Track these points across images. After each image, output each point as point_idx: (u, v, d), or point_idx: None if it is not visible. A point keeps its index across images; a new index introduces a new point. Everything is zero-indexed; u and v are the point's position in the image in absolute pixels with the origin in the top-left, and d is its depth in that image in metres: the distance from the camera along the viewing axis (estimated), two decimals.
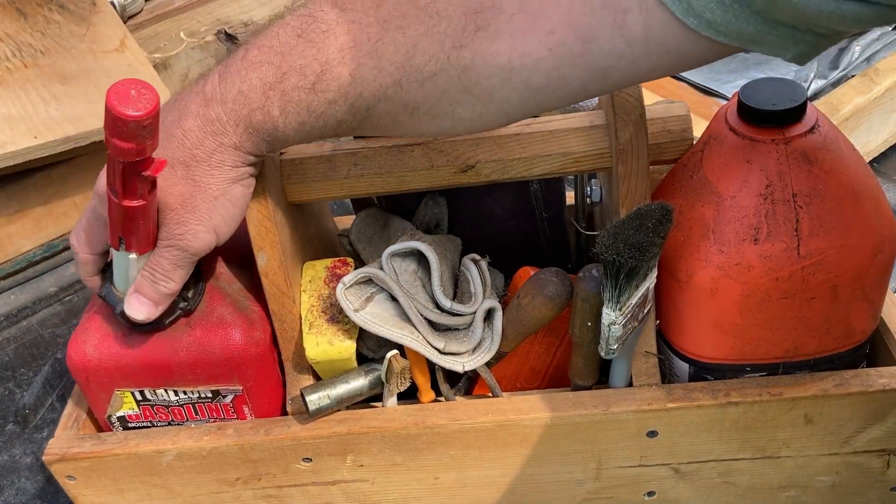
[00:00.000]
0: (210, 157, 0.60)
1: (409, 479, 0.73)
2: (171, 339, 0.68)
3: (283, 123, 0.58)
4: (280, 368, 0.73)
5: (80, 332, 0.69)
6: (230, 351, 0.68)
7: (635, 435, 0.69)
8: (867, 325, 0.67)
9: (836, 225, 0.62)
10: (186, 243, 0.62)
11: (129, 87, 0.53)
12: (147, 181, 0.58)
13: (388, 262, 0.69)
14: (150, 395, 0.70)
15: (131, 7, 1.13)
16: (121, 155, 0.55)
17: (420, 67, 0.54)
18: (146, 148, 0.55)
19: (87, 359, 0.68)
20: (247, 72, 0.57)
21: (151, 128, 0.54)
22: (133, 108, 0.52)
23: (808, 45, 0.49)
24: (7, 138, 0.92)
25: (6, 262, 1.04)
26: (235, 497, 0.74)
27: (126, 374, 0.69)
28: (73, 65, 0.99)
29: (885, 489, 0.73)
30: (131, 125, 0.53)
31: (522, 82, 0.54)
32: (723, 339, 0.66)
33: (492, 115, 0.57)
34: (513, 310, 0.69)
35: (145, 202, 0.59)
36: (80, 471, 0.72)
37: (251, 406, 0.71)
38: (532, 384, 0.77)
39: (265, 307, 0.71)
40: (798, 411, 0.67)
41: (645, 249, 0.59)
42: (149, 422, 0.73)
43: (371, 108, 0.57)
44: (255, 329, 0.69)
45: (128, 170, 0.56)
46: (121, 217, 0.60)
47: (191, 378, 0.69)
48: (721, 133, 0.64)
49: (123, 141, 0.54)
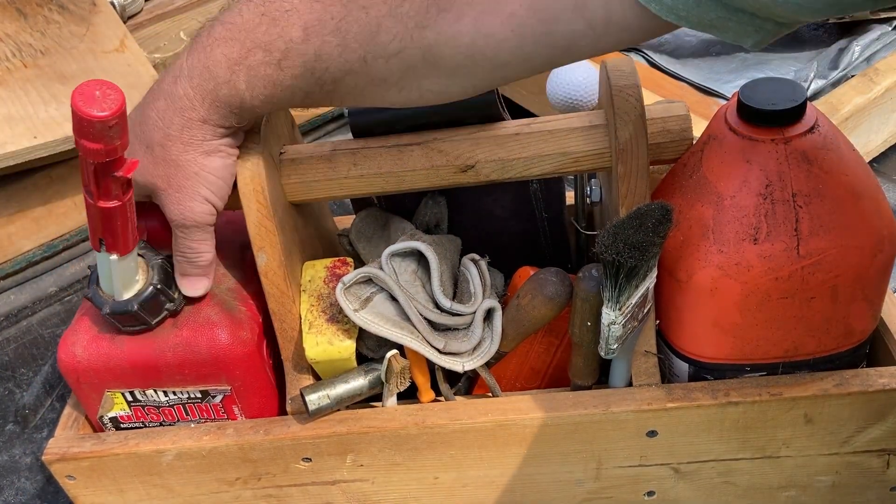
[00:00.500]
0: (181, 134, 0.61)
1: (408, 479, 0.73)
2: (159, 340, 0.68)
3: (250, 97, 0.60)
4: (274, 369, 0.73)
5: (70, 334, 0.70)
6: (217, 351, 0.68)
7: (635, 435, 0.69)
8: (867, 325, 0.67)
9: (835, 225, 0.61)
10: (191, 219, 0.64)
11: (94, 88, 0.53)
12: (120, 182, 0.58)
13: (388, 262, 0.69)
14: (141, 396, 0.71)
15: (131, 7, 1.13)
16: (91, 156, 0.55)
17: (385, 45, 0.56)
18: (116, 148, 0.55)
19: (77, 360, 0.69)
20: (212, 48, 0.59)
21: (119, 128, 0.54)
22: (98, 109, 0.53)
23: (768, 32, 0.50)
24: (7, 138, 0.92)
25: (6, 263, 1.04)
26: (235, 497, 0.74)
27: (115, 374, 0.69)
28: (72, 65, 0.99)
29: (885, 489, 0.73)
30: (97, 126, 0.53)
31: (487, 60, 0.55)
32: (722, 339, 0.66)
33: (458, 88, 0.59)
34: (512, 310, 0.69)
35: (120, 203, 0.59)
36: (79, 470, 0.72)
37: (241, 407, 0.71)
38: (532, 384, 0.77)
39: (257, 306, 0.71)
40: (798, 411, 0.67)
41: (644, 249, 0.59)
42: (140, 422, 0.73)
43: (338, 80, 0.59)
44: (241, 329, 0.69)
45: (100, 171, 0.57)
46: (99, 218, 0.60)
47: (179, 378, 0.69)
48: (721, 133, 0.64)
49: (92, 142, 0.54)
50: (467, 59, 0.55)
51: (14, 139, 0.93)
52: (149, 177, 0.63)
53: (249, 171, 0.66)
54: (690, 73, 1.04)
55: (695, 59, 1.07)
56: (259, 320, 0.71)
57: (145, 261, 0.67)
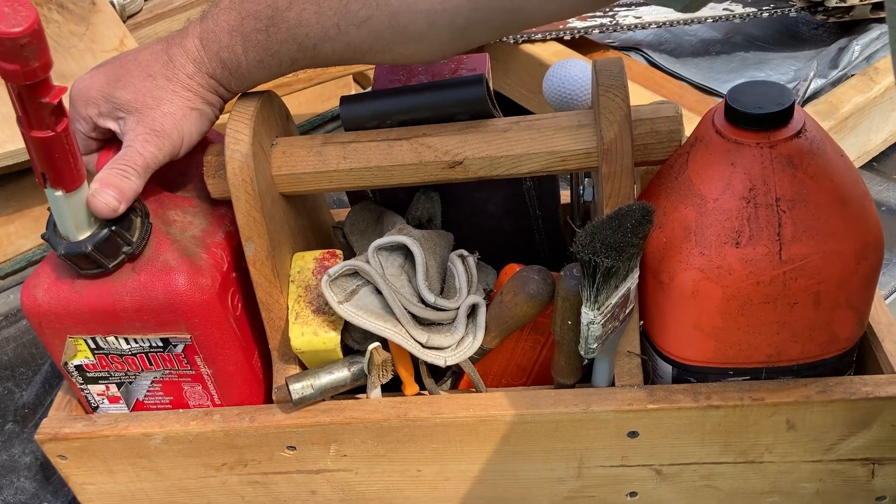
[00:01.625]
0: (178, 76, 0.68)
1: (391, 471, 0.73)
2: (117, 285, 0.67)
3: (245, 61, 0.67)
4: (251, 327, 0.73)
5: (33, 278, 0.69)
6: (173, 296, 0.67)
7: (616, 435, 0.69)
8: (852, 333, 0.67)
9: (819, 230, 0.61)
10: (142, 147, 0.67)
11: (3, 5, 0.51)
12: (49, 108, 0.56)
13: (375, 255, 0.70)
14: (103, 343, 0.70)
15: (131, 7, 1.14)
16: (9, 78, 0.53)
17: (355, 13, 0.63)
18: (35, 70, 0.53)
19: (38, 303, 0.68)
20: (217, 15, 0.67)
21: (34, 47, 0.52)
22: (7, 25, 0.51)
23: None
24: (6, 137, 0.92)
25: (5, 262, 1.05)
26: (222, 482, 0.75)
27: (76, 319, 0.68)
28: (72, 64, 1.00)
29: (871, 498, 0.72)
30: (8, 43, 0.51)
31: (447, 24, 0.62)
32: (704, 342, 0.66)
33: (425, 52, 0.66)
34: (496, 306, 0.70)
35: (54, 132, 0.57)
36: (70, 451, 0.74)
37: (203, 357, 0.70)
38: (518, 381, 0.77)
39: (224, 256, 0.71)
40: (780, 417, 0.67)
41: (622, 250, 0.59)
42: (106, 371, 0.72)
43: (317, 46, 0.66)
44: (201, 276, 0.68)
45: (24, 95, 0.55)
46: (36, 151, 0.58)
47: (139, 325, 0.68)
48: (707, 135, 0.64)
49: (6, 62, 0.52)
50: (429, 25, 0.62)
51: (14, 139, 0.93)
52: (129, 93, 0.67)
53: (239, 162, 0.67)
54: (690, 72, 1.04)
55: (694, 58, 1.06)
56: (223, 269, 0.70)
57: None
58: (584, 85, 0.77)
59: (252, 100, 0.70)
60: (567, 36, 1.08)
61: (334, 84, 1.20)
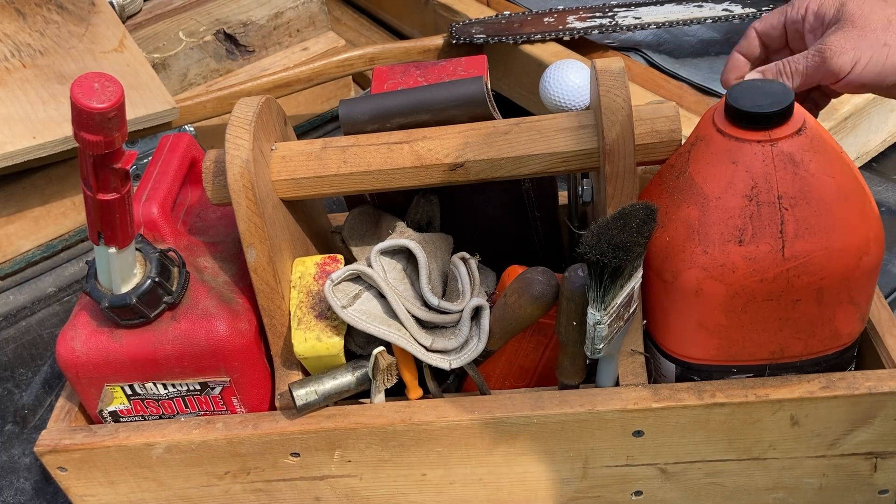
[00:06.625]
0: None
1: (396, 476, 0.73)
2: (157, 333, 0.69)
3: None
4: (268, 361, 0.74)
5: (69, 329, 0.71)
6: (215, 342, 0.69)
7: (621, 434, 0.69)
8: (854, 328, 0.67)
9: (821, 227, 0.62)
10: None
11: (93, 81, 0.54)
12: (119, 174, 0.59)
13: (377, 259, 0.70)
14: (140, 389, 0.71)
15: (130, 7, 1.13)
16: (90, 148, 0.56)
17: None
18: (114, 140, 0.56)
19: (76, 355, 0.69)
20: None
21: (117, 119, 0.55)
22: (97, 101, 0.54)
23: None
24: (6, 138, 0.92)
25: (5, 263, 1.05)
26: (225, 491, 0.75)
27: (114, 368, 0.70)
28: (71, 65, 1.00)
29: (873, 492, 0.72)
30: (97, 118, 0.54)
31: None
32: (708, 340, 0.66)
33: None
34: (500, 308, 0.69)
35: (119, 195, 0.60)
36: (71, 462, 0.73)
37: (240, 398, 0.72)
38: (521, 382, 0.77)
39: (253, 300, 0.71)
40: (784, 413, 0.67)
41: (628, 249, 0.60)
42: (140, 416, 0.73)
43: None
44: (239, 320, 0.70)
45: (98, 163, 0.57)
46: (97, 211, 0.61)
47: (178, 371, 0.70)
48: (708, 134, 0.64)
49: (91, 134, 0.55)
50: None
51: (13, 139, 0.93)
52: None
53: (239, 168, 0.66)
54: (689, 72, 1.04)
55: (694, 58, 1.07)
56: (256, 312, 0.72)
57: (143, 254, 0.68)
58: (579, 88, 0.77)
59: (251, 105, 0.70)
60: (566, 36, 1.08)
61: (334, 84, 1.20)
